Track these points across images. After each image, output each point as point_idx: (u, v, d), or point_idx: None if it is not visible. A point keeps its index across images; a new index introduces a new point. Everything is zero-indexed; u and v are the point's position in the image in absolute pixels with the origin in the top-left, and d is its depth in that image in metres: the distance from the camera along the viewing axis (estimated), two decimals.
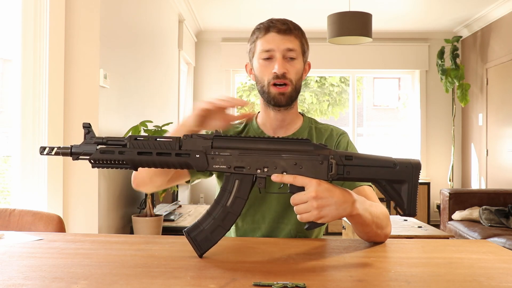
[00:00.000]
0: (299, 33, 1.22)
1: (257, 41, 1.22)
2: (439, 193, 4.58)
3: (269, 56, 1.20)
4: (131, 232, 2.93)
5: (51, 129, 2.20)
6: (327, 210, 0.93)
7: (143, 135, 0.97)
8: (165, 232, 3.08)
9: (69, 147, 0.93)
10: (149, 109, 3.46)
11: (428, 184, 5.16)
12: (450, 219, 3.98)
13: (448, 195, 4.03)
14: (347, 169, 0.95)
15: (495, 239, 3.20)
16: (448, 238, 2.89)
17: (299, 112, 1.32)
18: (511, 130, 4.39)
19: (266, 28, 1.21)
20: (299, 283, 0.76)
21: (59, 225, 1.43)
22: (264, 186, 0.96)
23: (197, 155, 0.94)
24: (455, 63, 4.91)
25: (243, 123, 1.32)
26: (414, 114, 5.71)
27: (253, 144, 0.96)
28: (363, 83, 10.26)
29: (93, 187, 2.38)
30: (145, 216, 2.88)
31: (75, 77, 2.33)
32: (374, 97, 12.50)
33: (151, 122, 2.88)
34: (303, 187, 0.94)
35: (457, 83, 4.90)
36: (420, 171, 0.98)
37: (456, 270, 0.88)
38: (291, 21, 1.23)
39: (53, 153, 0.92)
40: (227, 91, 5.59)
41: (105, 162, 0.93)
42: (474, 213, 3.79)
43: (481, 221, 3.68)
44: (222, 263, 0.90)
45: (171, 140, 0.94)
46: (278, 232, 1.23)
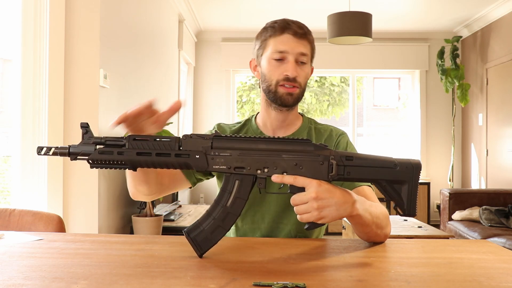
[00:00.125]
0: (312, 38, 1.23)
1: (270, 39, 1.21)
2: (439, 193, 4.59)
3: (281, 57, 1.19)
4: (131, 232, 2.93)
5: (51, 129, 2.20)
6: (328, 211, 0.93)
7: (142, 135, 0.96)
8: (165, 232, 3.08)
9: (67, 147, 0.92)
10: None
11: (428, 184, 5.16)
12: (450, 219, 3.98)
13: (448, 195, 4.03)
14: (347, 170, 0.95)
15: (495, 239, 3.20)
16: (448, 238, 2.89)
17: (299, 112, 1.32)
18: (511, 130, 4.39)
19: (282, 28, 1.19)
20: (299, 283, 0.76)
21: (59, 225, 1.43)
22: (264, 186, 0.96)
23: (197, 156, 0.93)
24: (455, 63, 4.91)
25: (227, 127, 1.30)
26: (414, 114, 5.71)
27: (253, 144, 0.95)
28: (363, 83, 10.26)
29: (93, 187, 2.38)
30: (145, 216, 2.88)
31: (75, 77, 2.33)
32: (374, 97, 12.51)
33: None
34: (303, 188, 0.93)
35: (457, 83, 4.90)
36: (420, 171, 0.98)
37: (456, 270, 0.88)
38: (305, 25, 1.22)
39: (51, 153, 0.92)
40: (227, 91, 5.59)
41: (103, 162, 0.92)
42: (474, 213, 3.79)
43: (481, 221, 3.68)
44: (222, 263, 0.90)
45: (171, 140, 0.93)
46: (277, 232, 1.23)
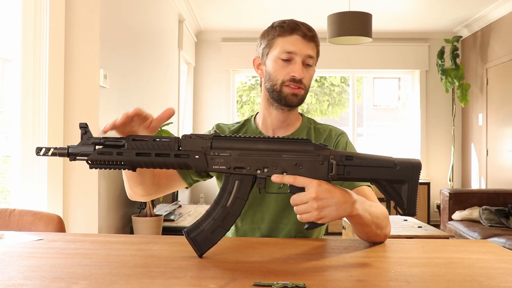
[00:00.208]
0: (318, 41, 1.23)
1: (278, 39, 1.20)
2: (439, 193, 4.59)
3: (288, 57, 1.18)
4: (131, 232, 2.93)
5: (51, 129, 2.20)
6: (327, 210, 0.93)
7: (142, 135, 0.96)
8: (165, 232, 3.08)
9: (66, 147, 0.92)
10: (149, 109, 3.39)
11: (428, 184, 5.16)
12: (450, 219, 3.98)
13: (448, 195, 4.03)
14: (347, 169, 0.95)
15: (495, 239, 3.20)
16: (448, 238, 2.89)
17: (298, 112, 1.32)
18: (511, 130, 4.39)
19: (291, 29, 1.19)
20: (299, 283, 0.76)
21: (59, 225, 1.43)
22: (264, 186, 0.96)
23: (197, 156, 0.93)
24: (455, 63, 4.91)
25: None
26: (414, 114, 5.71)
27: (253, 144, 0.95)
28: (363, 83, 10.25)
29: (93, 187, 2.38)
30: (145, 216, 2.88)
31: (75, 77, 2.33)
32: (374, 97, 12.51)
33: None
34: (303, 188, 0.93)
35: (457, 83, 4.90)
36: (420, 171, 0.98)
37: (456, 270, 0.88)
38: (313, 28, 1.23)
39: (50, 153, 0.91)
40: (227, 91, 5.59)
41: (103, 163, 0.92)
42: (474, 213, 3.79)
43: (481, 221, 3.68)
44: (222, 263, 0.90)
45: (170, 140, 0.93)
46: (277, 232, 1.23)
